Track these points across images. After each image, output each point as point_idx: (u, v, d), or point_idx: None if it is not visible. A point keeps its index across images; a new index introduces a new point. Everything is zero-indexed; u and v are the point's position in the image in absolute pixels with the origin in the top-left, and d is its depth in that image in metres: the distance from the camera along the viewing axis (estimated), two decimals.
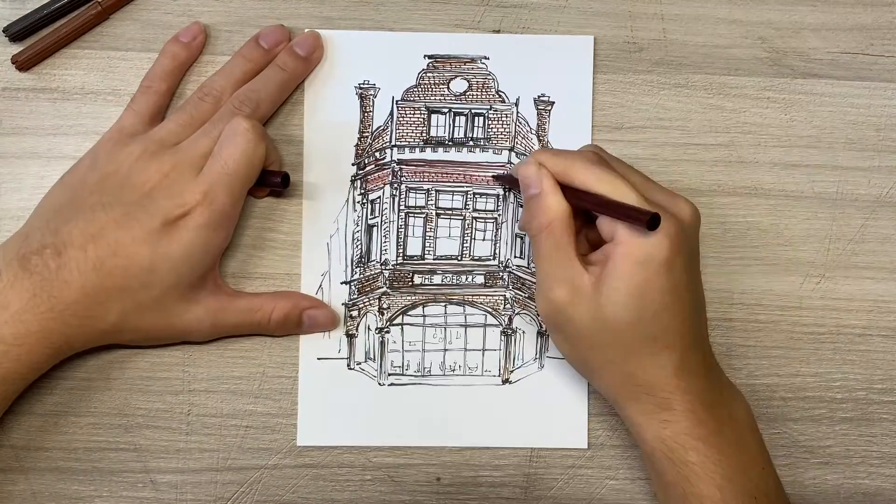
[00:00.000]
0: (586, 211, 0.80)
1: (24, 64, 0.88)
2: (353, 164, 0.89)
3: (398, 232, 0.89)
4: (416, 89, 0.89)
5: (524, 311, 0.89)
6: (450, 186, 0.88)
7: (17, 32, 0.88)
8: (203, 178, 0.80)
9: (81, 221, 0.79)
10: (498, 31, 0.89)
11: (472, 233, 0.88)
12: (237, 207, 0.83)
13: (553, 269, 0.79)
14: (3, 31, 0.88)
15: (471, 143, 0.89)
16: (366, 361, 0.88)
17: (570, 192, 0.79)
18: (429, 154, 0.89)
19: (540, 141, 0.89)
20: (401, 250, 0.89)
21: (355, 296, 0.88)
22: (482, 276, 0.89)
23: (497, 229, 0.89)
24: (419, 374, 0.88)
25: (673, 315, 0.78)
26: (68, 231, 0.79)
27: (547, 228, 0.79)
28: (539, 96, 0.89)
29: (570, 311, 0.78)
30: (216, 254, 0.84)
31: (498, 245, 0.89)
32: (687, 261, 0.78)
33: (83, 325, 0.79)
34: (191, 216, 0.80)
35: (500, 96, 0.89)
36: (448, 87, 0.89)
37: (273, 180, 0.84)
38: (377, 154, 0.89)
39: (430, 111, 0.89)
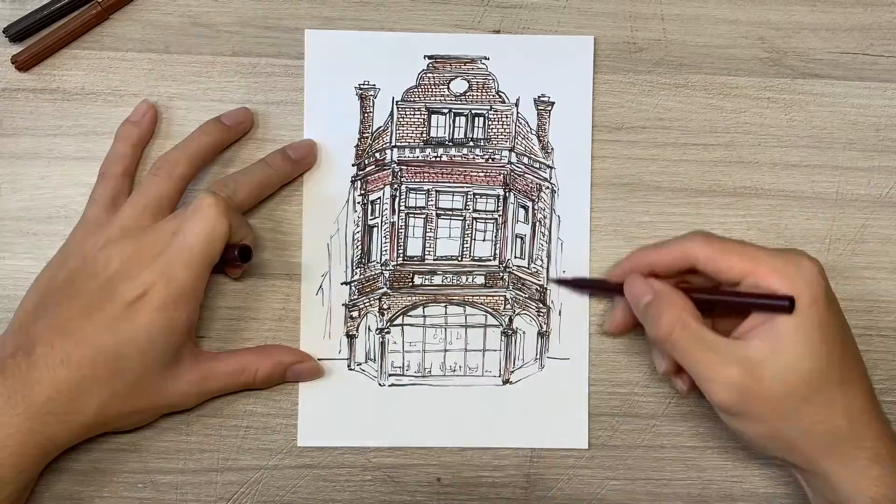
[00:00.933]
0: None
1: (23, 64, 0.88)
2: (353, 165, 0.89)
3: (398, 233, 0.89)
4: (416, 90, 0.89)
5: (524, 312, 0.89)
6: (450, 187, 0.88)
7: (17, 33, 0.88)
8: (162, 257, 0.79)
9: (50, 318, 0.79)
10: (498, 32, 0.89)
11: (472, 233, 0.88)
12: (199, 283, 0.81)
13: (709, 359, 0.77)
14: (3, 32, 0.88)
15: (471, 143, 0.89)
16: (366, 362, 0.88)
17: (694, 294, 0.80)
18: (429, 154, 0.89)
19: (540, 141, 0.89)
20: (401, 251, 0.89)
21: (356, 296, 0.88)
22: (482, 277, 0.89)
23: (497, 230, 0.89)
24: (419, 374, 0.88)
25: (854, 351, 0.78)
26: (37, 330, 0.79)
27: (678, 325, 0.78)
28: (539, 97, 0.89)
29: (755, 387, 0.76)
30: (182, 332, 0.81)
31: (498, 245, 0.89)
32: (835, 297, 0.78)
33: (63, 423, 0.78)
34: (148, 296, 0.78)
35: (500, 97, 0.89)
36: (448, 88, 0.89)
37: (230, 255, 0.82)
38: (377, 155, 0.89)
39: (431, 112, 0.89)
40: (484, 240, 0.89)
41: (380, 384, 0.88)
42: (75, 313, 0.79)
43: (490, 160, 0.89)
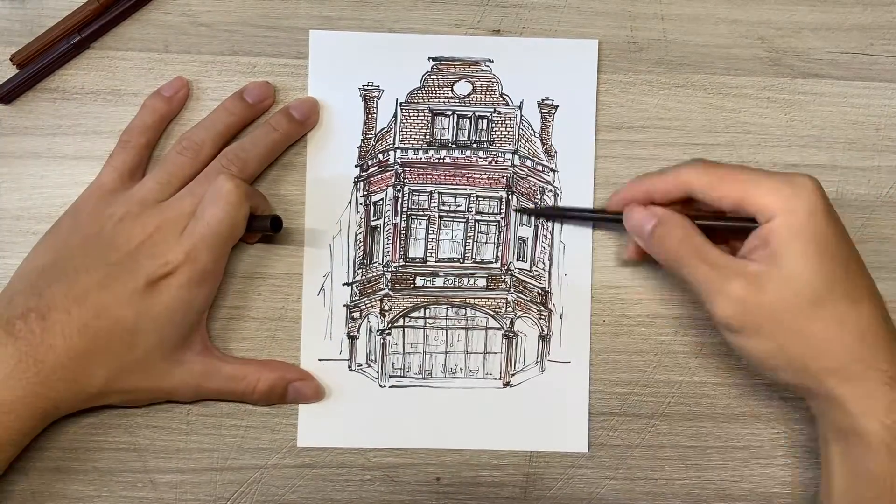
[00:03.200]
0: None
1: (22, 62, 0.87)
2: (356, 166, 0.89)
3: (400, 234, 0.89)
4: (419, 91, 0.89)
5: (526, 315, 0.89)
6: (453, 189, 0.88)
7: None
8: (186, 237, 0.81)
9: (65, 284, 0.80)
10: (498, 31, 0.89)
11: (474, 235, 0.88)
12: (220, 265, 0.84)
13: (713, 275, 0.77)
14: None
15: (474, 145, 0.89)
16: (367, 363, 0.88)
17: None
18: (432, 156, 0.89)
19: (543, 144, 0.89)
20: (403, 252, 0.89)
21: (357, 297, 0.88)
22: (484, 279, 0.89)
23: (500, 232, 0.89)
24: (420, 376, 0.88)
25: (860, 269, 0.78)
26: (52, 294, 0.79)
27: (684, 243, 0.79)
28: (543, 99, 0.89)
29: (758, 299, 0.76)
30: (200, 310, 0.84)
31: (500, 248, 0.89)
32: (836, 214, 0.78)
33: (69, 389, 0.79)
34: (174, 275, 0.80)
35: (503, 99, 0.89)
36: (452, 90, 0.89)
37: (261, 225, 0.84)
38: (380, 156, 0.89)
39: (434, 113, 0.89)
40: (486, 242, 0.89)
41: (380, 385, 0.88)
42: (94, 284, 0.79)
43: (493, 163, 0.89)
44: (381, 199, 0.89)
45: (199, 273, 0.81)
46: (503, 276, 0.89)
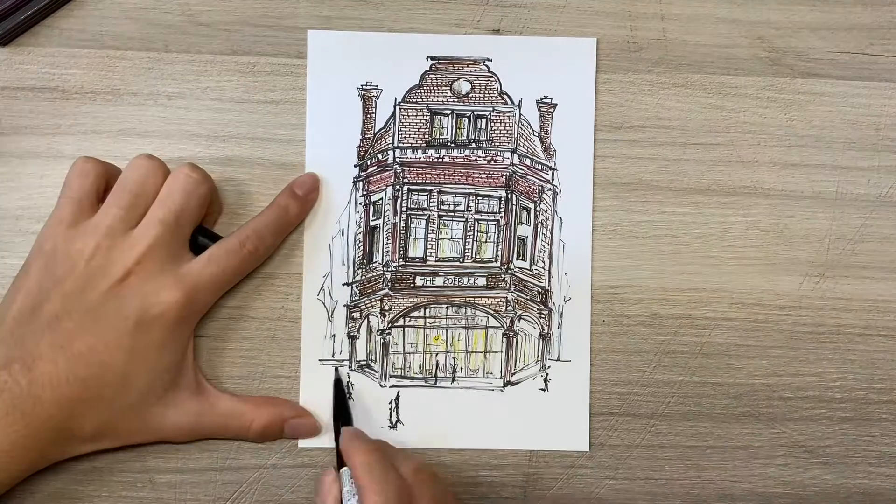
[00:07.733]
0: None
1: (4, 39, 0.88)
2: (355, 166, 0.88)
3: (400, 234, 0.89)
4: (418, 91, 0.89)
5: (526, 314, 0.89)
6: (452, 188, 0.88)
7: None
8: (189, 278, 0.80)
9: (48, 333, 0.78)
10: (498, 31, 0.89)
11: (474, 234, 0.88)
12: (212, 302, 0.85)
13: None
14: None
15: (473, 144, 0.89)
16: (367, 363, 0.88)
17: None
18: (431, 155, 0.89)
19: (542, 143, 0.89)
20: (402, 252, 0.89)
21: (357, 297, 0.88)
22: (484, 279, 0.88)
23: (499, 231, 0.89)
24: (421, 376, 0.88)
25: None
26: (35, 343, 0.77)
27: None
28: (542, 98, 0.89)
29: None
30: (184, 347, 0.83)
31: (500, 247, 0.89)
32: None
33: (58, 439, 0.78)
34: (166, 314, 0.79)
35: (502, 98, 0.89)
36: (451, 89, 0.89)
37: (204, 243, 0.85)
38: (379, 156, 0.88)
39: (433, 112, 0.89)
40: (486, 241, 0.89)
41: (381, 385, 0.88)
42: (78, 329, 0.78)
43: (492, 161, 0.89)
44: (381, 199, 0.88)
45: (195, 314, 0.82)
46: (503, 276, 0.89)
